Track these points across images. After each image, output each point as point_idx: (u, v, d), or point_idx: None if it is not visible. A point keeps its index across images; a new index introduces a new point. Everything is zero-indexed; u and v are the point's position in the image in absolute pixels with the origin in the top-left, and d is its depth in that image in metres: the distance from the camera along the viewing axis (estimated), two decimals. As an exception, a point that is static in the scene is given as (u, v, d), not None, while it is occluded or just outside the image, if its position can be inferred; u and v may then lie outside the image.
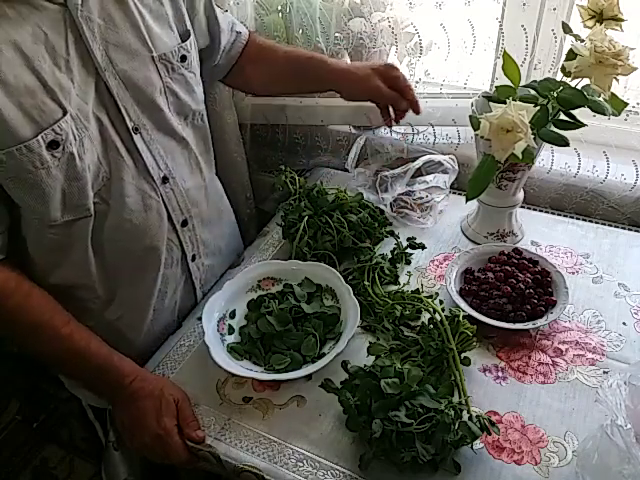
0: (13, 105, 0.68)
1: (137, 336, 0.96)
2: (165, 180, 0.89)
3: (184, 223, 0.95)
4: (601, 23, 0.88)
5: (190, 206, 0.96)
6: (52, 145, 0.72)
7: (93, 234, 0.83)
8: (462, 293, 0.97)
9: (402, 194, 1.17)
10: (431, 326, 0.88)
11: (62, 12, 0.73)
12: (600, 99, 0.89)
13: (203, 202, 1.01)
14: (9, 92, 0.68)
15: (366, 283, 0.99)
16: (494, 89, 0.97)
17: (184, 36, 0.90)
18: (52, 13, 0.72)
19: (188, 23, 0.92)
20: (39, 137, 0.71)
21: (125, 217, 0.84)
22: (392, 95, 1.04)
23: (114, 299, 0.91)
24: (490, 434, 0.76)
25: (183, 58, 0.89)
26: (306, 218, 1.06)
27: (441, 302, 0.96)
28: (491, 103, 0.90)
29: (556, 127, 0.91)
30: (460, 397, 0.81)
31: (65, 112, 0.73)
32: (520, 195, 1.06)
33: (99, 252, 0.85)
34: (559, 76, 0.92)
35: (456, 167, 1.17)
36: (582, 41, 0.88)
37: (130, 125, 0.82)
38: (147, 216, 0.88)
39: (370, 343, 0.89)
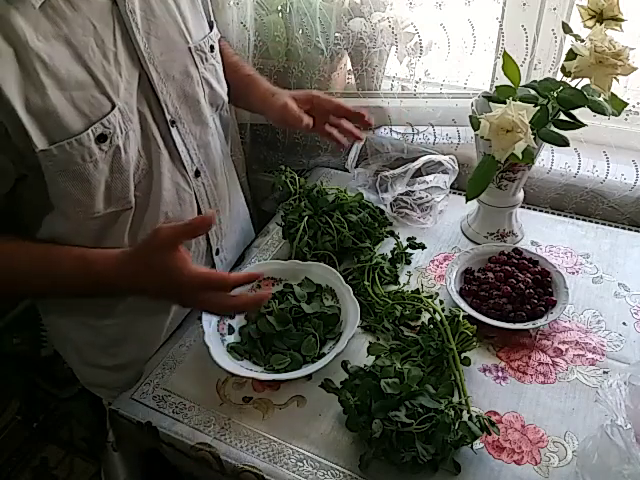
0: (65, 100, 0.68)
1: (160, 331, 0.95)
2: (197, 174, 0.90)
3: None
4: (601, 23, 0.88)
5: (218, 200, 0.97)
6: (100, 138, 0.72)
7: (131, 227, 0.83)
8: (462, 293, 0.97)
9: (402, 194, 1.17)
10: (431, 326, 0.88)
11: (109, 5, 0.73)
12: (600, 99, 0.89)
13: (227, 196, 1.01)
14: (61, 87, 0.68)
15: (366, 283, 0.99)
16: (494, 89, 0.97)
17: (210, 26, 0.91)
18: (100, 6, 0.72)
19: (212, 14, 0.93)
20: (89, 131, 0.70)
21: (162, 210, 0.84)
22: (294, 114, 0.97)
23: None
24: (490, 434, 0.76)
25: (212, 48, 0.90)
26: (306, 218, 1.06)
27: (441, 302, 0.97)
28: (491, 103, 0.91)
29: (556, 127, 0.91)
30: (460, 397, 0.81)
31: (114, 106, 0.73)
32: (520, 195, 1.06)
33: (133, 245, 0.84)
34: (559, 76, 0.92)
35: (456, 167, 1.17)
36: (582, 41, 0.88)
37: (168, 118, 0.82)
38: (181, 209, 0.88)
39: (370, 343, 0.89)
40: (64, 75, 0.68)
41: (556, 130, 0.91)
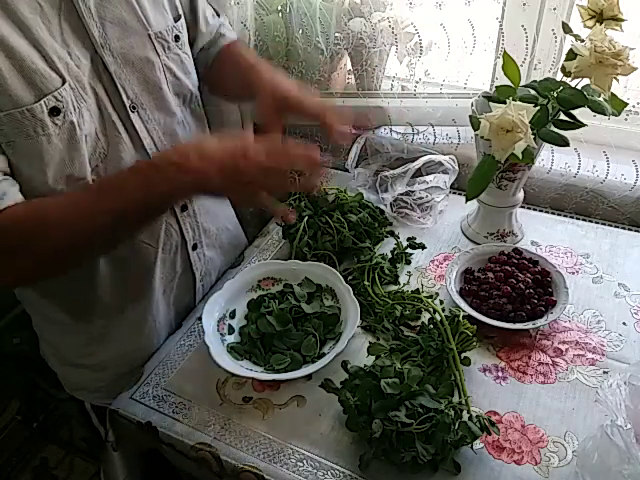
0: (15, 69, 0.68)
1: (140, 328, 0.95)
2: None
3: (184, 208, 0.94)
4: (601, 23, 0.88)
5: None
6: (53, 112, 0.72)
7: None
8: (462, 293, 0.97)
9: (402, 194, 1.17)
10: (431, 326, 0.88)
11: None
12: (600, 99, 0.89)
13: None
14: (9, 56, 0.68)
15: (366, 283, 0.99)
16: (494, 89, 0.97)
17: (176, 18, 0.91)
18: None
19: (180, 8, 0.92)
20: (41, 102, 0.70)
21: None
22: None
23: (115, 287, 0.90)
24: (490, 434, 0.76)
25: (177, 38, 0.89)
26: (306, 218, 1.06)
27: (441, 302, 0.97)
28: (491, 103, 0.91)
29: (556, 127, 0.91)
30: (460, 397, 0.81)
31: (64, 81, 0.73)
32: (520, 195, 1.06)
33: None
34: (559, 76, 0.92)
35: (456, 167, 1.17)
36: (582, 41, 0.88)
37: (127, 103, 0.82)
38: None
39: (370, 343, 0.89)
40: (12, 46, 0.68)
41: (556, 130, 0.91)
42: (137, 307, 0.94)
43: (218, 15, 1.06)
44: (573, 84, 0.90)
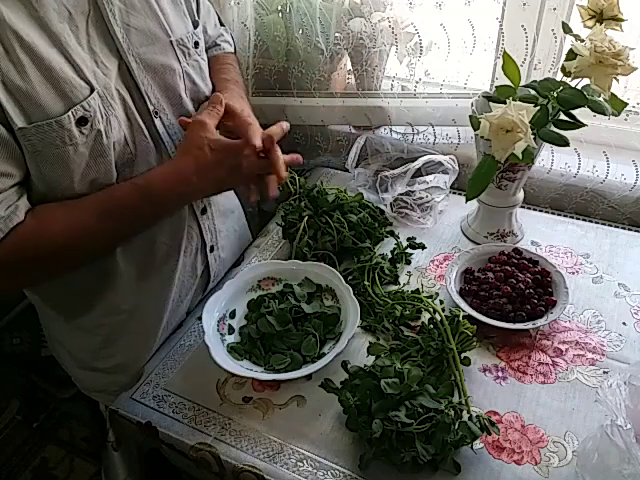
0: (44, 79, 0.69)
1: (155, 330, 0.95)
2: None
3: (203, 211, 0.96)
4: (601, 23, 0.88)
5: None
6: (81, 122, 0.72)
7: None
8: (462, 293, 0.97)
9: (402, 194, 1.17)
10: (431, 326, 0.88)
11: None
12: (600, 99, 0.89)
13: None
14: (39, 66, 0.68)
15: (366, 283, 0.99)
16: (494, 89, 0.97)
17: (195, 24, 0.92)
18: None
19: (196, 15, 0.94)
20: (69, 113, 0.70)
21: None
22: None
23: (134, 289, 0.90)
24: (490, 434, 0.76)
25: (196, 44, 0.91)
26: (306, 218, 1.06)
27: (441, 302, 0.97)
28: (491, 103, 0.90)
29: (556, 127, 0.91)
30: (460, 397, 0.81)
31: (93, 89, 0.73)
32: (520, 195, 1.06)
33: None
34: (559, 76, 0.92)
35: (456, 167, 1.17)
36: (582, 41, 0.88)
37: (151, 108, 0.83)
38: None
39: (370, 343, 0.89)
40: (43, 56, 0.68)
41: (556, 130, 0.91)
42: (153, 309, 0.94)
43: (222, 25, 1.07)
44: (573, 84, 0.90)
